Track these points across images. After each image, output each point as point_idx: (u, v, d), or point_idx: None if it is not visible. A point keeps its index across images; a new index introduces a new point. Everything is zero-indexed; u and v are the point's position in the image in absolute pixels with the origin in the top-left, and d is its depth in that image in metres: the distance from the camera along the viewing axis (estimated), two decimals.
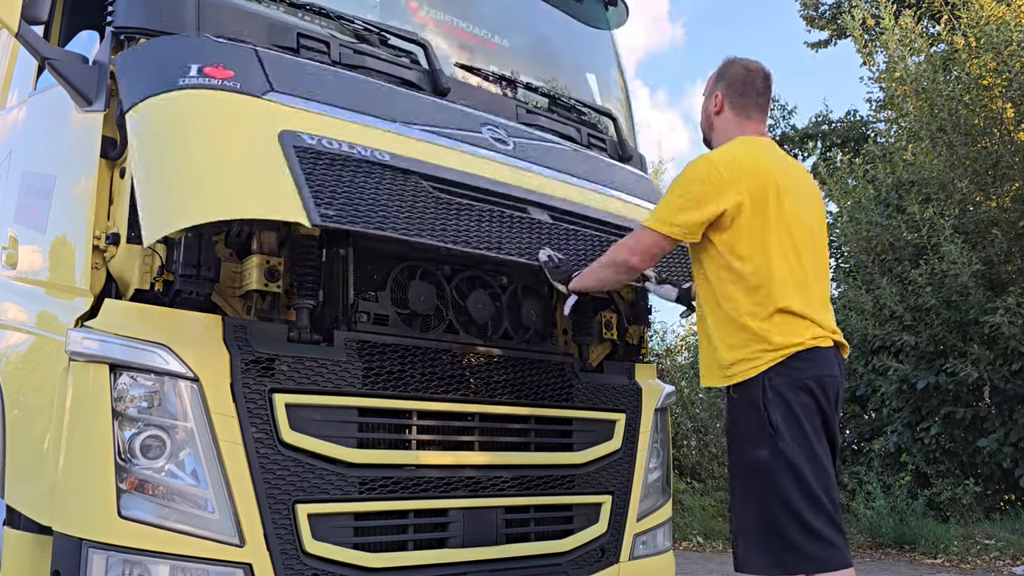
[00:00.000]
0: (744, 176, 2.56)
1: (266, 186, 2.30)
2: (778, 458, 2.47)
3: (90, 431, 2.28)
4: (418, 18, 3.26)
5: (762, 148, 2.69)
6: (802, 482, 2.46)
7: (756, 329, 2.53)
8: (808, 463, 2.47)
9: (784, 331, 2.53)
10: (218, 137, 2.33)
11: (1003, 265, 8.06)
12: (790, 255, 2.58)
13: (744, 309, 2.56)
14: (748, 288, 2.56)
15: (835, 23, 14.69)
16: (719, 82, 2.80)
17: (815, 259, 2.67)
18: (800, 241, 2.61)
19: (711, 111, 2.82)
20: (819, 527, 2.44)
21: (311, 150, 2.41)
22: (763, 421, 2.50)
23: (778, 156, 2.73)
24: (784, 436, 2.48)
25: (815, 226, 2.73)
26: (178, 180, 2.27)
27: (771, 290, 2.54)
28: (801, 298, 2.57)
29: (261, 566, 2.39)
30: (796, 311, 2.54)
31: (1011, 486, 8.06)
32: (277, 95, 2.49)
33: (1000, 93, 8.13)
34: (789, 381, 2.50)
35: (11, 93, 3.38)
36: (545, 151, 3.25)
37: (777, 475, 2.48)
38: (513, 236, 2.80)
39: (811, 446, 2.49)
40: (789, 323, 2.54)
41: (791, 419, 2.49)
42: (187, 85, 2.35)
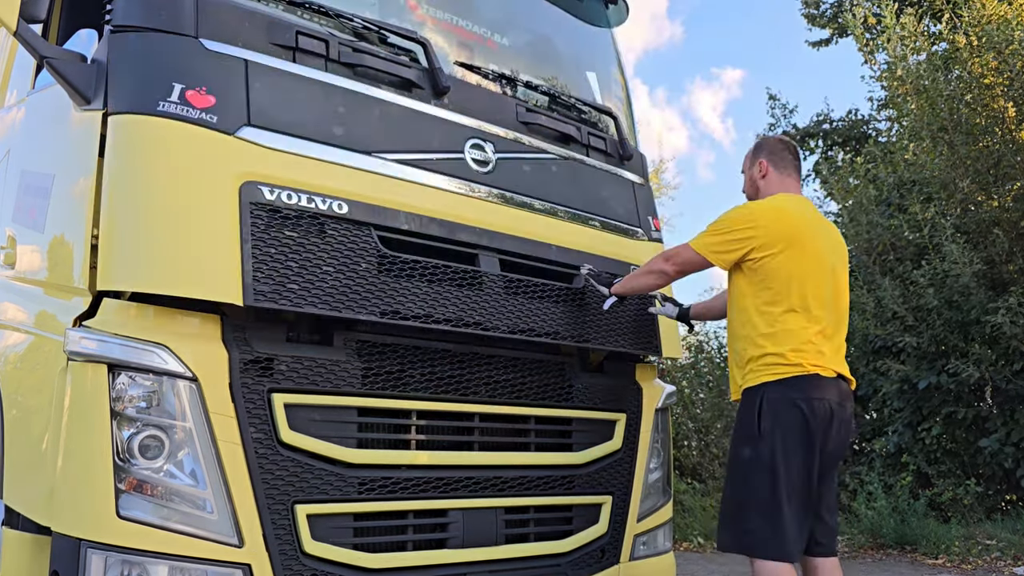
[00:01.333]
0: (779, 223, 2.99)
1: (211, 258, 2.40)
2: (758, 459, 2.88)
3: (89, 431, 2.27)
4: (418, 16, 3.25)
5: (799, 203, 3.12)
6: (775, 484, 2.85)
7: (770, 349, 2.94)
8: (784, 468, 2.85)
9: (792, 356, 2.91)
10: (180, 191, 2.43)
11: (1005, 265, 8.04)
12: (810, 298, 2.97)
13: (762, 332, 2.96)
14: (770, 318, 2.96)
15: (836, 22, 14.67)
16: (759, 153, 3.25)
17: (835, 306, 3.06)
18: (823, 288, 3.01)
19: (757, 177, 3.24)
20: (779, 521, 2.84)
21: (267, 208, 2.49)
22: (753, 425, 2.91)
23: (813, 212, 3.15)
24: (767, 441, 2.87)
25: (840, 280, 3.11)
26: (133, 236, 2.39)
27: (787, 322, 2.94)
28: (813, 333, 2.95)
29: (260, 566, 2.38)
30: (808, 342, 2.93)
31: (1012, 486, 8.04)
32: (252, 131, 2.53)
33: (1001, 92, 8.11)
34: (783, 398, 2.89)
35: (9, 92, 3.37)
36: (527, 170, 3.23)
37: (754, 473, 2.89)
38: (457, 296, 2.86)
39: (789, 455, 2.86)
40: (798, 351, 2.91)
41: (777, 429, 2.87)
42: (166, 113, 2.41)
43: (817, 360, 2.93)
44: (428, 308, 2.78)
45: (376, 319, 2.65)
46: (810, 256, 2.99)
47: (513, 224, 3.09)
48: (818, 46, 15.67)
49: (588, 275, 3.27)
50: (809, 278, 2.98)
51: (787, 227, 2.99)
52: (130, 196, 2.42)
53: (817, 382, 2.92)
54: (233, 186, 2.46)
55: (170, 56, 2.49)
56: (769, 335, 2.95)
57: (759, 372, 2.95)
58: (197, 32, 2.52)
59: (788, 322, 2.94)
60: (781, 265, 2.96)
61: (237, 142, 2.50)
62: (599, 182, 3.55)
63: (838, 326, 3.09)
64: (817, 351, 2.94)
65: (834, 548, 3.11)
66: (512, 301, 3.01)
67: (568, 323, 3.20)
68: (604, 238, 3.46)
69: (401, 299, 2.72)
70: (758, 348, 2.97)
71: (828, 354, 2.99)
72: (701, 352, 11.59)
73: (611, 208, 3.54)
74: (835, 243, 3.17)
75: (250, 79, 2.56)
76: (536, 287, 3.12)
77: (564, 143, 3.42)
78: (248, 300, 2.40)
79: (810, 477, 2.90)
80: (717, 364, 11.07)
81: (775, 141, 3.29)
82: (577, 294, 3.27)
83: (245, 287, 2.40)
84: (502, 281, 3.00)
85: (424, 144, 2.93)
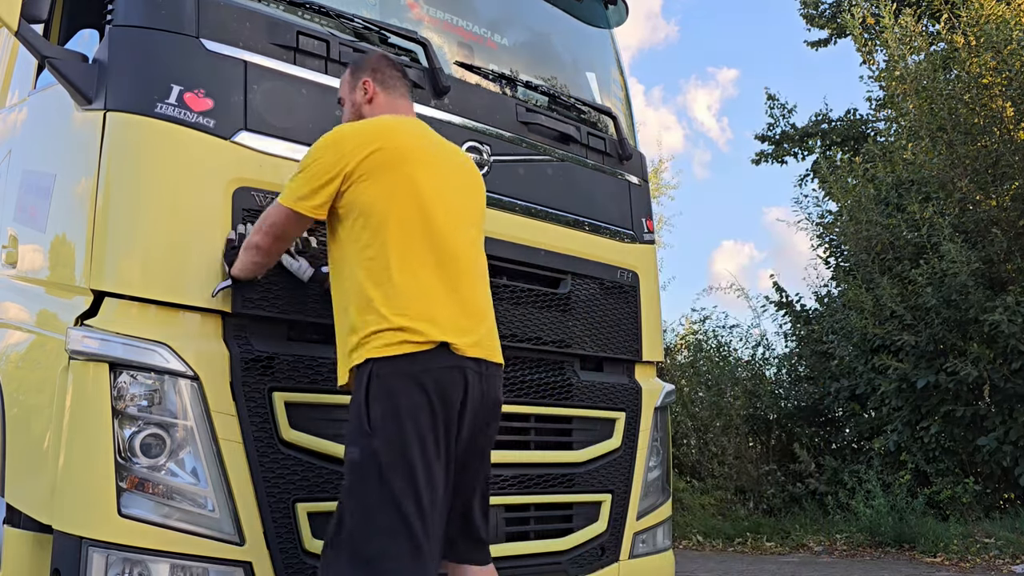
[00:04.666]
0: (376, 144, 2.32)
1: (201, 264, 2.44)
2: (370, 461, 2.20)
3: (90, 430, 2.28)
4: (418, 17, 3.26)
5: (411, 124, 2.50)
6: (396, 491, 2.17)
7: (376, 315, 2.24)
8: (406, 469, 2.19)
9: (405, 321, 2.23)
10: (173, 195, 2.46)
11: (1003, 264, 8.06)
12: (427, 242, 2.32)
13: (366, 292, 2.27)
14: (373, 272, 2.28)
15: (835, 22, 14.67)
16: (361, 72, 2.56)
17: (458, 255, 2.39)
18: (446, 231, 2.36)
19: (361, 102, 2.55)
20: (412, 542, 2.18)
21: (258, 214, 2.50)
22: (363, 417, 2.23)
23: (433, 138, 2.52)
24: (380, 435, 2.21)
25: (465, 223, 2.46)
26: (124, 238, 2.42)
27: (398, 278, 2.27)
28: (434, 290, 2.30)
29: (261, 565, 2.39)
30: (424, 301, 2.28)
31: (1011, 485, 8.06)
32: (248, 136, 2.54)
33: (1000, 92, 8.13)
34: (396, 374, 2.22)
35: (11, 92, 3.38)
36: (522, 173, 3.22)
37: (368, 481, 2.20)
38: None
39: (411, 450, 2.20)
40: (412, 315, 2.25)
41: (390, 419, 2.21)
42: (163, 115, 2.43)
43: (445, 326, 2.27)
44: None
45: None
46: (426, 189, 2.35)
47: (503, 229, 3.09)
48: (817, 46, 15.67)
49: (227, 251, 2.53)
50: (427, 213, 2.33)
51: (388, 151, 2.33)
52: (123, 198, 2.44)
53: (442, 356, 2.26)
54: (227, 191, 2.49)
55: (170, 56, 2.50)
56: (373, 295, 2.26)
57: (365, 346, 2.25)
58: (198, 32, 2.53)
59: (398, 277, 2.26)
60: (382, 200, 2.30)
61: (233, 147, 2.51)
62: (595, 184, 3.55)
63: (475, 283, 2.43)
64: (435, 316, 2.27)
65: (487, 556, 2.49)
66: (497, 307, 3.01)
67: (550, 328, 3.21)
68: (594, 242, 3.46)
69: None
70: (361, 314, 2.27)
71: (461, 318, 2.32)
72: (700, 351, 11.61)
73: (605, 211, 3.55)
74: (465, 178, 2.55)
75: (249, 82, 2.57)
76: (521, 292, 3.13)
77: (563, 143, 3.42)
78: (237, 307, 2.46)
79: (444, 475, 2.26)
80: (716, 363, 11.08)
81: (378, 57, 2.62)
82: (561, 299, 3.28)
83: (234, 293, 2.45)
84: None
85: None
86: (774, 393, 10.63)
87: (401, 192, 2.33)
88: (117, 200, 2.44)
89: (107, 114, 2.46)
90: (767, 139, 15.35)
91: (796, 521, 8.68)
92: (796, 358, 10.83)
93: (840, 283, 9.84)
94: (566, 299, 3.29)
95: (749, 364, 11.12)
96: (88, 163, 2.49)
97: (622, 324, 3.52)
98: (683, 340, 12.35)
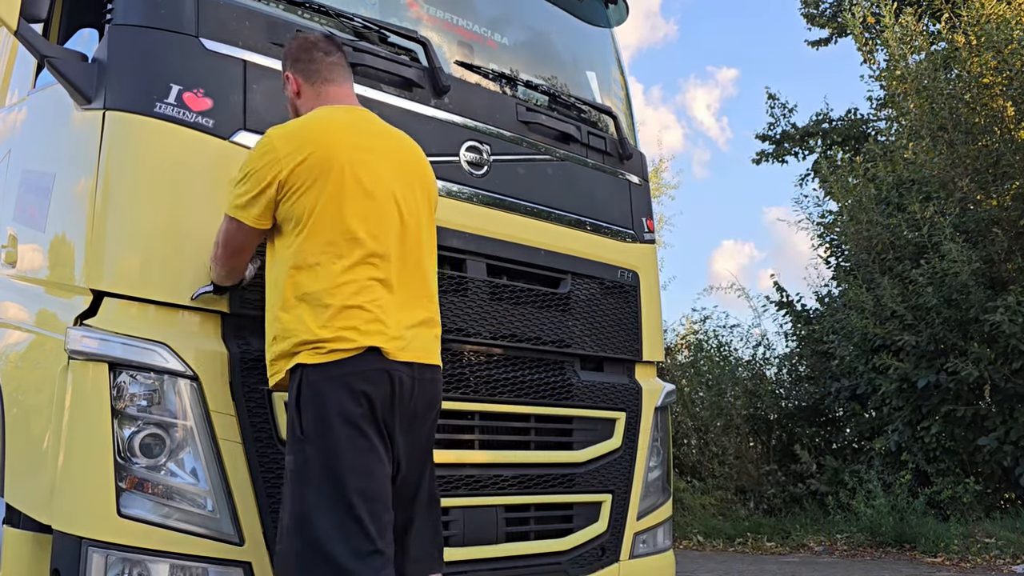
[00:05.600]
0: (306, 143, 2.26)
1: (201, 265, 2.43)
2: (306, 470, 2.19)
3: (89, 430, 2.27)
4: (417, 16, 3.26)
5: (341, 114, 2.39)
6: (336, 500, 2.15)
7: (304, 318, 2.21)
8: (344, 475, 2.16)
9: (334, 325, 2.19)
10: (171, 195, 2.46)
11: (1004, 264, 8.05)
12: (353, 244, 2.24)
13: (295, 293, 2.23)
14: (307, 274, 2.23)
15: (835, 21, 14.67)
16: (284, 66, 2.49)
17: (402, 251, 2.34)
18: (381, 226, 2.29)
19: (293, 99, 2.48)
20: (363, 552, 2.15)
21: None
22: (295, 424, 2.23)
23: (368, 124, 2.42)
24: (314, 442, 2.19)
25: (411, 216, 2.38)
26: (121, 237, 2.42)
27: (328, 277, 2.22)
28: (367, 289, 2.24)
29: (260, 565, 2.39)
30: (356, 303, 2.22)
31: (1011, 484, 8.06)
32: (247, 136, 2.53)
33: (1000, 91, 8.12)
34: (327, 380, 2.19)
35: (10, 91, 3.37)
36: (522, 173, 3.22)
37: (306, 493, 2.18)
38: (441, 302, 2.75)
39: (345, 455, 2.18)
40: (344, 319, 2.20)
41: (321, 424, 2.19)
42: (162, 115, 2.43)
43: (372, 330, 2.21)
44: None
45: None
46: (354, 182, 2.26)
47: (503, 229, 3.09)
48: (817, 45, 15.67)
49: None
50: (357, 213, 2.25)
51: (319, 155, 2.24)
52: (123, 197, 2.43)
53: (371, 361, 2.21)
54: (226, 191, 2.46)
55: (169, 56, 2.50)
56: (303, 297, 2.21)
57: (296, 354, 2.21)
58: (197, 31, 2.53)
59: (326, 285, 2.20)
60: (313, 205, 2.22)
61: (232, 147, 2.51)
62: (595, 184, 3.54)
63: (413, 282, 2.36)
64: (361, 324, 2.20)
65: (441, 561, 2.48)
66: (496, 307, 3.02)
67: (550, 327, 3.21)
68: (595, 241, 3.45)
69: None
70: (289, 323, 2.22)
71: (390, 321, 2.25)
72: (701, 351, 11.60)
73: (605, 210, 3.54)
74: (408, 169, 2.43)
75: (248, 81, 2.57)
76: (521, 292, 3.13)
77: (564, 143, 3.42)
78: (235, 307, 2.46)
79: (384, 470, 2.23)
80: (717, 363, 11.08)
81: (297, 44, 2.48)
82: (561, 299, 3.27)
83: (232, 293, 2.45)
84: (487, 287, 3.01)
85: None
86: (775, 393, 10.63)
87: (334, 195, 2.24)
88: (116, 199, 2.43)
89: (106, 113, 2.46)
90: (768, 138, 15.35)
91: (797, 521, 8.68)
92: (797, 358, 10.83)
93: (841, 283, 9.84)
94: (566, 299, 3.29)
95: (750, 364, 11.12)
96: (87, 162, 2.49)
97: (622, 324, 3.51)
98: (683, 340, 12.35)
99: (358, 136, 2.36)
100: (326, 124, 2.35)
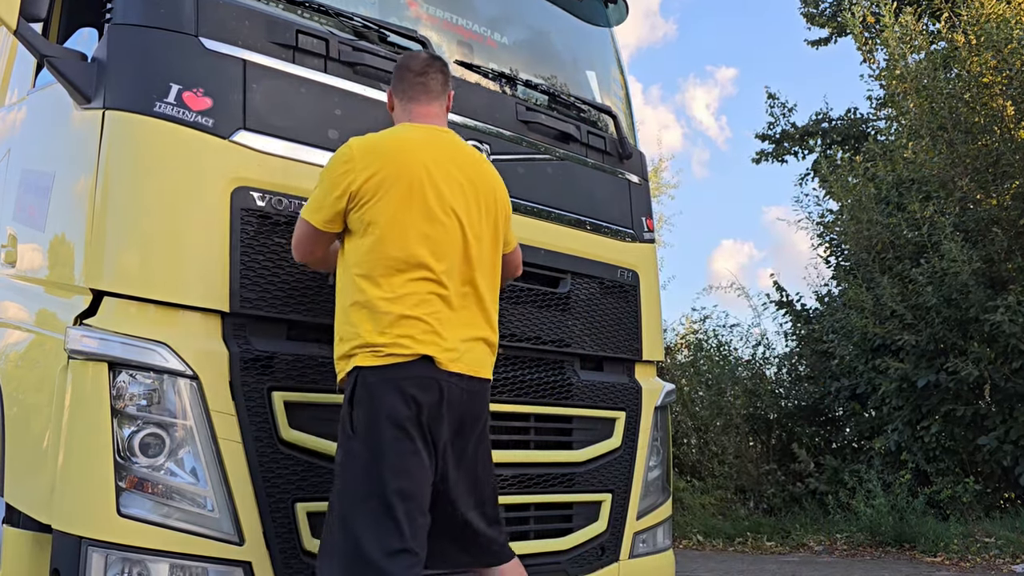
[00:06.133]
0: (380, 158, 2.35)
1: (199, 264, 2.44)
2: (353, 463, 2.29)
3: (89, 429, 2.27)
4: (417, 15, 3.26)
5: (418, 132, 2.47)
6: (375, 493, 2.25)
7: (364, 325, 2.31)
8: (387, 471, 2.25)
9: (390, 333, 2.29)
10: (171, 194, 2.46)
11: (1003, 263, 8.05)
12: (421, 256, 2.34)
13: (355, 300, 2.34)
14: (369, 283, 2.33)
15: (835, 20, 14.68)
16: (390, 83, 2.63)
17: (464, 268, 2.43)
18: (443, 243, 2.38)
19: (390, 112, 2.63)
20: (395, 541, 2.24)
21: (258, 214, 2.53)
22: (347, 421, 2.33)
23: (445, 144, 2.49)
24: (361, 439, 2.29)
25: (475, 236, 2.45)
26: (121, 237, 2.42)
27: (384, 289, 2.32)
28: (426, 303, 2.33)
29: (260, 564, 2.39)
30: (415, 315, 2.31)
31: (1011, 484, 8.06)
32: (247, 135, 2.54)
33: (1000, 91, 8.12)
34: (380, 383, 2.28)
35: (10, 91, 3.37)
36: (522, 172, 3.21)
37: (352, 483, 2.29)
38: None
39: (388, 454, 2.26)
40: (400, 327, 2.29)
41: (372, 425, 2.28)
42: (161, 114, 2.43)
43: (428, 340, 2.31)
44: None
45: None
46: (422, 201, 2.35)
47: None
48: (817, 45, 15.68)
49: None
50: (422, 230, 2.34)
51: (393, 170, 2.34)
52: (122, 197, 2.44)
53: (424, 368, 2.30)
54: (225, 191, 2.48)
55: (169, 55, 2.50)
56: (365, 303, 2.31)
57: (355, 356, 2.32)
58: (197, 31, 2.52)
59: (388, 294, 2.30)
60: (383, 218, 2.32)
61: (231, 146, 2.51)
62: (595, 183, 3.54)
63: (472, 301, 2.44)
64: (418, 333, 2.30)
65: (507, 552, 2.56)
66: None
67: (550, 327, 3.21)
68: (595, 241, 3.45)
69: None
70: (352, 325, 2.33)
71: (446, 333, 2.34)
72: (700, 350, 11.61)
73: (605, 210, 3.54)
74: (476, 186, 2.49)
75: (248, 81, 2.57)
76: (521, 291, 3.13)
77: (563, 142, 3.42)
78: (234, 307, 2.46)
79: (424, 475, 2.31)
80: (716, 362, 11.08)
81: (401, 63, 2.60)
82: (561, 298, 3.27)
83: (232, 293, 2.45)
84: None
85: None
86: (774, 392, 10.64)
87: (401, 210, 2.34)
88: (116, 199, 2.43)
89: (106, 113, 2.46)
90: (767, 138, 15.36)
91: (796, 521, 8.68)
92: (796, 357, 10.83)
93: (840, 282, 9.84)
94: (566, 298, 3.29)
95: (749, 363, 11.12)
96: (87, 162, 2.49)
97: (622, 323, 3.51)
98: (683, 339, 12.35)
99: (433, 155, 2.44)
100: (403, 141, 2.44)
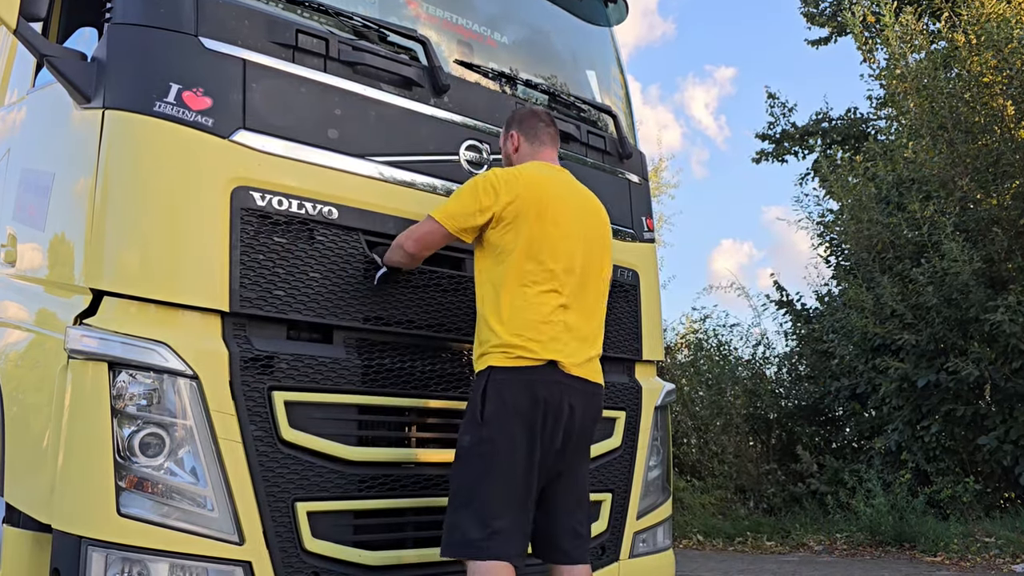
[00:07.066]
0: (523, 189, 2.73)
1: (199, 263, 2.44)
2: (476, 449, 2.61)
3: (89, 429, 2.27)
4: (417, 15, 3.26)
5: (549, 170, 2.89)
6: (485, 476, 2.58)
7: (499, 330, 2.65)
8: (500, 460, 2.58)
9: (521, 339, 2.63)
10: (171, 194, 2.46)
11: (1004, 263, 8.05)
12: (550, 272, 2.71)
13: (491, 310, 2.69)
14: (504, 294, 2.68)
15: (835, 20, 14.67)
16: (511, 127, 2.99)
17: (583, 285, 2.79)
18: (566, 263, 2.74)
19: (510, 152, 2.98)
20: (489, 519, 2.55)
21: (258, 213, 2.53)
22: (476, 410, 2.64)
23: (566, 182, 2.91)
24: (487, 428, 2.61)
25: (592, 258, 2.85)
26: (120, 236, 2.42)
27: (520, 300, 2.67)
28: (552, 315, 2.68)
29: (260, 564, 2.39)
30: (542, 323, 2.66)
31: (1011, 484, 8.06)
32: (247, 134, 2.54)
33: (1001, 91, 8.12)
34: (508, 382, 2.62)
35: (10, 90, 3.37)
36: None
37: (470, 464, 2.62)
38: (440, 302, 2.93)
39: (503, 445, 2.59)
40: (529, 335, 2.64)
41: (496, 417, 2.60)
42: (161, 114, 2.43)
43: (554, 347, 2.66)
44: (411, 314, 2.83)
45: (359, 325, 2.70)
46: (552, 225, 2.73)
47: None
48: (817, 44, 15.67)
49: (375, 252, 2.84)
50: (550, 250, 2.71)
51: (530, 194, 2.73)
52: (122, 196, 2.44)
53: (549, 372, 2.65)
54: (224, 191, 2.48)
55: (168, 55, 2.50)
56: (500, 310, 2.67)
57: (488, 355, 2.67)
58: (197, 30, 2.52)
59: (520, 302, 2.67)
60: (518, 235, 2.70)
61: (231, 146, 2.51)
62: (595, 183, 3.51)
63: (586, 320, 2.80)
64: (545, 339, 2.65)
65: (583, 556, 2.80)
66: None
67: None
68: None
69: (385, 305, 2.77)
70: (488, 329, 2.68)
71: (569, 341, 2.71)
72: (700, 350, 11.60)
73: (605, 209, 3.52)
74: (591, 217, 2.92)
75: (247, 80, 2.57)
76: None
77: (563, 142, 3.41)
78: (234, 307, 2.45)
79: (533, 469, 2.62)
80: (716, 362, 11.08)
81: (526, 112, 3.04)
82: None
83: (232, 293, 2.45)
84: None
85: (419, 146, 2.94)
86: (774, 392, 10.63)
87: (534, 233, 2.70)
88: (116, 199, 2.43)
89: (106, 112, 2.46)
90: (767, 138, 15.35)
91: (796, 520, 8.68)
92: (796, 357, 10.83)
93: (841, 282, 9.83)
94: None
95: (749, 363, 11.12)
96: (87, 161, 2.49)
97: (622, 323, 3.51)
98: (683, 339, 12.34)
99: (558, 189, 2.84)
100: (537, 176, 2.81)
